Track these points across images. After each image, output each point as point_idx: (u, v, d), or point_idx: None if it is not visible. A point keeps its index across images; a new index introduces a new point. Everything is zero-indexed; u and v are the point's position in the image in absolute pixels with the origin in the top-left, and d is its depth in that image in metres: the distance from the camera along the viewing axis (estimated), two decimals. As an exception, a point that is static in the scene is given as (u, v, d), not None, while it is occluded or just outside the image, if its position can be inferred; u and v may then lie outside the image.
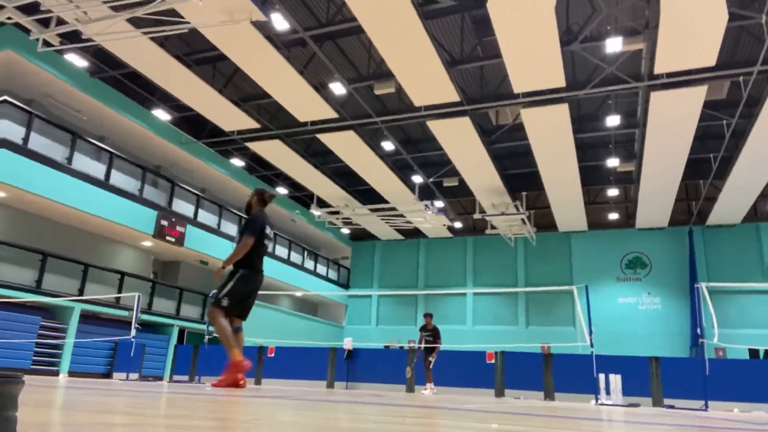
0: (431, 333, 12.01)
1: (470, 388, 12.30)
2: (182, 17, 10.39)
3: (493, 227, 22.09)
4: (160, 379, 15.89)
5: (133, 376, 14.45)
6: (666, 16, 10.36)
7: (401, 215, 22.50)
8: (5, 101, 13.06)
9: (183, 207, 18.44)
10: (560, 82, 12.68)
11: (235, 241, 5.83)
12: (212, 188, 21.61)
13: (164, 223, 16.98)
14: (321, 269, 26.61)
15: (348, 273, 29.00)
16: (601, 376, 10.07)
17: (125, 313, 15.91)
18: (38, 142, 13.54)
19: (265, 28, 12.20)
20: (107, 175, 15.44)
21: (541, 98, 13.95)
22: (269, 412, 2.02)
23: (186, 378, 14.13)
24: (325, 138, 16.96)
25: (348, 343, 13.79)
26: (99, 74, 15.36)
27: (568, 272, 24.21)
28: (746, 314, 21.15)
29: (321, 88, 15.05)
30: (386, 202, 21.71)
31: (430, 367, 11.76)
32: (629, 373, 10.65)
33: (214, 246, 19.24)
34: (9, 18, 9.54)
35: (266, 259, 5.85)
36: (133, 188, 16.39)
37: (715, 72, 12.59)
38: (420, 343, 12.22)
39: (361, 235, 28.39)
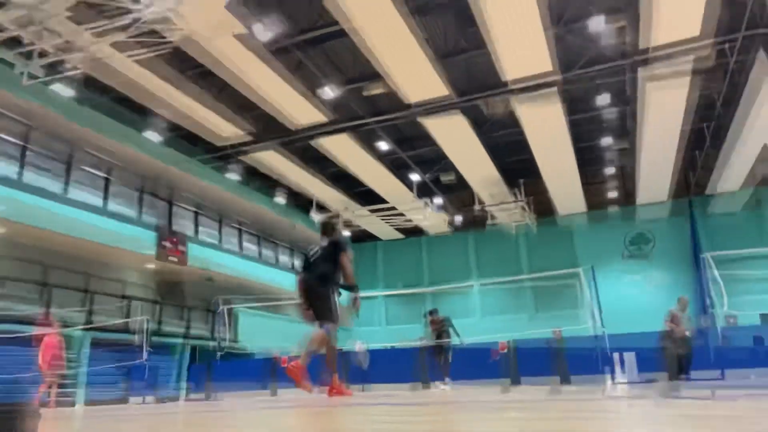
0: (441, 324, 11.88)
1: (484, 379, 12.28)
2: (165, 37, 10.39)
3: (493, 218, 22.09)
4: (177, 399, 15.88)
5: (150, 399, 14.44)
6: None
7: (401, 214, 22.50)
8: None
9: (183, 226, 18.44)
10: (548, 66, 12.68)
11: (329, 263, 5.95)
12: (210, 204, 21.58)
13: (165, 244, 16.96)
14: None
15: (353, 276, 28.93)
16: (615, 356, 10.07)
17: (136, 337, 15.91)
18: (32, 175, 13.54)
19: (250, 39, 12.19)
20: (104, 200, 15.43)
21: (531, 84, 13.91)
22: (281, 421, 2.02)
23: (202, 396, 14.13)
24: (321, 142, 16.96)
25: (358, 346, 13.79)
26: (87, 100, 15.30)
27: (572, 256, 24.13)
28: (754, 280, 21.11)
29: (311, 94, 15.03)
30: (385, 202, 21.71)
31: (449, 361, 11.63)
32: (642, 350, 10.64)
33: (217, 262, 19.23)
34: (-8, 54, 9.55)
35: (270, 268, 5.88)
36: (131, 212, 16.39)
37: (700, 42, 12.58)
38: (433, 337, 12.07)
39: (362, 237, 28.34)
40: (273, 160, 18.32)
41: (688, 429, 1.47)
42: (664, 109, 14.75)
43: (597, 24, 11.99)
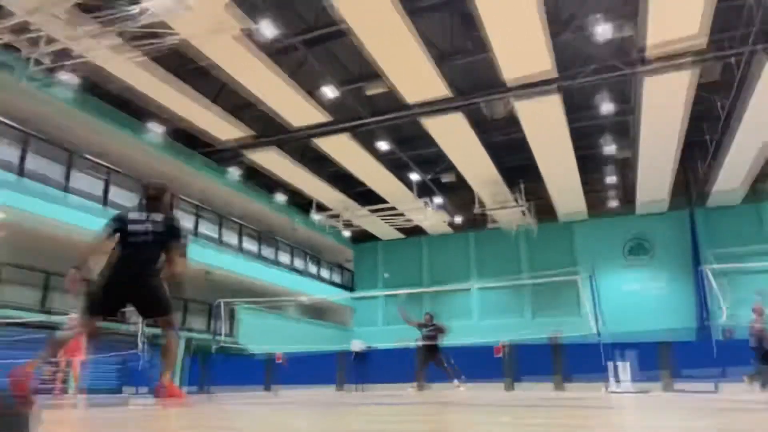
0: (433, 329, 11.96)
1: (481, 381, 12.29)
2: (169, 30, 10.38)
3: (494, 221, 22.08)
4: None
5: (143, 390, 14.43)
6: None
7: (401, 214, 22.50)
8: (0, 122, 13.02)
9: (183, 220, 18.40)
10: (547, 65, 12.67)
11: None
12: (211, 200, 21.50)
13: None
14: (325, 273, 26.55)
15: (352, 275, 28.94)
16: (610, 364, 10.06)
17: (132, 327, 15.89)
18: (35, 162, 13.54)
19: (249, 40, 12.14)
20: (105, 191, 15.41)
21: (533, 90, 13.89)
22: (277, 419, 2.02)
23: (196, 389, 14.14)
24: (320, 142, 16.93)
25: (356, 345, 13.81)
26: (90, 95, 15.19)
27: (572, 260, 24.10)
28: (753, 292, 21.02)
29: (312, 93, 15.01)
30: (385, 202, 21.69)
31: (444, 364, 11.68)
32: (638, 359, 10.65)
33: (216, 257, 19.20)
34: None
35: (268, 266, 5.49)
36: (131, 204, 16.33)
37: (706, 54, 12.53)
38: (422, 339, 12.10)
39: (362, 237, 28.30)
40: (272, 160, 18.32)
41: None
42: (667, 117, 14.73)
43: (604, 32, 11.98)
